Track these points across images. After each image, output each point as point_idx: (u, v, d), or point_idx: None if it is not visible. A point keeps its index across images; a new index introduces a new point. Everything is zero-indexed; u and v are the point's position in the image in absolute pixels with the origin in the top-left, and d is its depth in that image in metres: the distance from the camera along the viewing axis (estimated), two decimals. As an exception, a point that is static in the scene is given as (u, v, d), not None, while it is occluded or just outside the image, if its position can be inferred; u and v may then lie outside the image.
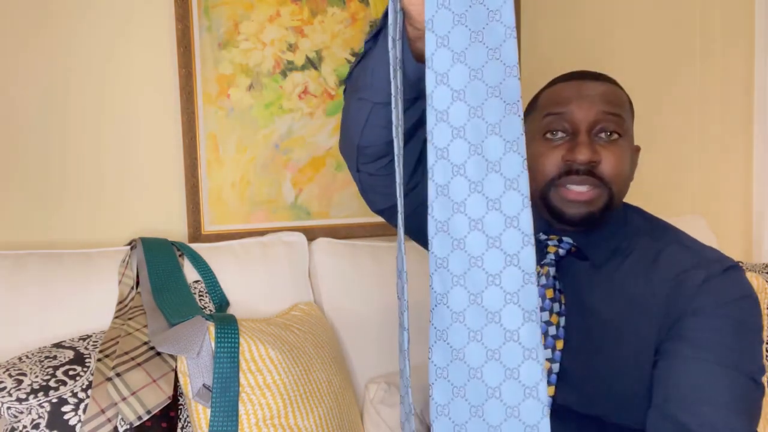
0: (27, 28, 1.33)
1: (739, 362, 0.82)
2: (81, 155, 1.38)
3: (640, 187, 1.88)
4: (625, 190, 0.94)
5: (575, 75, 0.95)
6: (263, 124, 1.48)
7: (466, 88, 0.45)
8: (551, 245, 0.93)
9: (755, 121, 1.83)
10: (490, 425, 0.44)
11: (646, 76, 1.88)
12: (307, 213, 1.53)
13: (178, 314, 1.14)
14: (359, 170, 0.89)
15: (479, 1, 0.44)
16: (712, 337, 0.83)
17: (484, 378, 0.44)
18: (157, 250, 1.29)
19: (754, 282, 1.37)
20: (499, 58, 0.45)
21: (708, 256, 0.91)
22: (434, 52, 0.45)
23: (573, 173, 0.88)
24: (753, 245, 1.88)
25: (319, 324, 1.29)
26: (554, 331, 0.89)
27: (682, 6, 1.91)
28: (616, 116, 0.90)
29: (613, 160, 0.89)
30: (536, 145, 0.92)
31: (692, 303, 0.85)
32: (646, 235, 0.95)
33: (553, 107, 0.91)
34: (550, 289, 0.91)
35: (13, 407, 0.99)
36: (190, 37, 1.41)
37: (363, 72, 0.79)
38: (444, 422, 0.45)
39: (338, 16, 1.52)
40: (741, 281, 0.88)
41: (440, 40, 0.44)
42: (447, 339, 0.46)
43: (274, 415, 1.07)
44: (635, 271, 0.91)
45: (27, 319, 1.17)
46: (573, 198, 0.88)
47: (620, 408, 0.87)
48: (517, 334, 0.44)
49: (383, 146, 0.83)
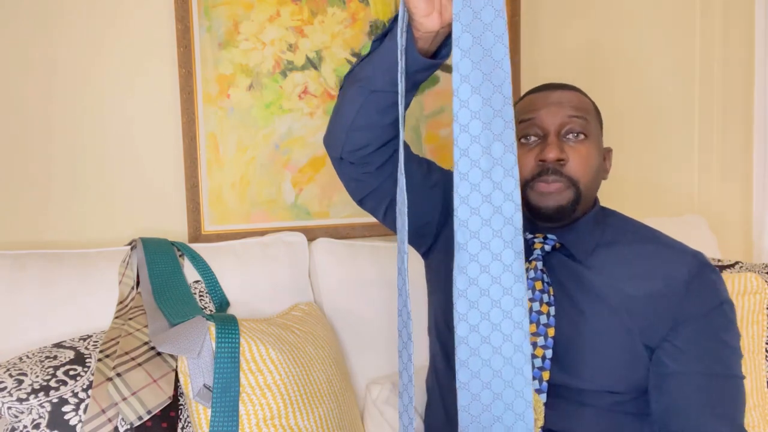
0: (28, 28, 1.33)
1: (725, 367, 0.95)
2: (81, 155, 1.38)
3: (641, 188, 1.89)
4: (594, 186, 1.03)
5: (544, 86, 1.07)
6: (263, 124, 1.48)
7: (480, 110, 0.69)
8: (537, 242, 1.03)
9: (755, 121, 1.83)
10: (495, 370, 0.69)
11: (645, 76, 1.88)
12: (307, 213, 1.53)
13: (179, 314, 1.14)
14: (342, 158, 1.00)
15: (489, 54, 0.68)
16: (700, 347, 0.96)
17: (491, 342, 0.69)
18: (157, 250, 1.29)
19: (754, 282, 1.37)
20: (501, 92, 0.69)
21: (685, 251, 1.02)
22: (459, 86, 0.69)
23: (545, 173, 0.99)
24: (753, 245, 1.88)
25: (319, 324, 1.29)
26: (545, 319, 0.99)
27: (682, 6, 1.91)
28: (582, 119, 1.01)
29: (579, 159, 0.99)
30: None
31: (682, 309, 0.97)
32: (626, 233, 1.06)
33: (525, 114, 1.03)
34: (539, 281, 1.00)
35: (14, 407, 0.99)
36: (190, 37, 1.41)
37: (367, 65, 0.90)
38: (465, 372, 0.69)
39: (338, 16, 1.52)
40: (718, 285, 1.00)
41: (464, 78, 0.68)
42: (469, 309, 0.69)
43: (275, 415, 1.07)
44: (618, 266, 1.01)
45: (27, 319, 1.17)
46: (544, 190, 0.99)
47: (605, 391, 0.97)
48: (511, 268, 0.69)
49: (370, 132, 0.94)
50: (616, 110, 1.84)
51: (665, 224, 1.48)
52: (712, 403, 0.93)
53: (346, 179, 1.05)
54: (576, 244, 1.03)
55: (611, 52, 1.83)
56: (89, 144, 1.39)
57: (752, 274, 1.38)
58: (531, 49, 1.71)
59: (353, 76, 0.94)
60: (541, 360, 0.98)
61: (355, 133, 0.95)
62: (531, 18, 1.70)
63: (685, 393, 0.95)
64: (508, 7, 1.65)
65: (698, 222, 1.82)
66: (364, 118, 0.93)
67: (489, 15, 0.68)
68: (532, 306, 1.00)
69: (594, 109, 1.06)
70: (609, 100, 1.83)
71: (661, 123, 1.91)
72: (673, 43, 1.90)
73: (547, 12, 1.74)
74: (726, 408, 0.94)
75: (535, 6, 1.71)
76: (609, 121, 1.82)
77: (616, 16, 1.83)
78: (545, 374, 0.97)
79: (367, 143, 0.96)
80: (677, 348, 0.96)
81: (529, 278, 1.01)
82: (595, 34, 1.81)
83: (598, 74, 1.81)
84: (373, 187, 1.03)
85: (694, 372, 0.95)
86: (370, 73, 0.89)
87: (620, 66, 1.84)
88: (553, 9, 1.75)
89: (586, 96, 1.07)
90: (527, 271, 1.02)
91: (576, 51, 1.78)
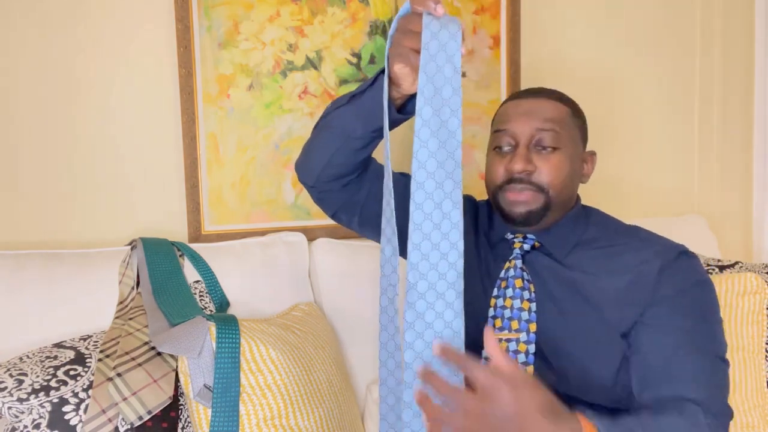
0: (28, 29, 1.33)
1: (701, 344, 0.95)
2: (81, 155, 1.38)
3: (641, 188, 1.89)
4: (566, 192, 1.05)
5: (519, 94, 1.10)
6: (263, 124, 1.48)
7: (435, 172, 0.80)
8: (517, 242, 1.07)
9: (755, 121, 1.83)
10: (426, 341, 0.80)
11: (645, 76, 1.88)
12: (307, 213, 1.53)
13: (179, 314, 1.14)
14: (314, 186, 1.06)
15: (445, 126, 0.80)
16: (674, 323, 0.95)
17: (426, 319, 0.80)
18: (157, 250, 1.29)
19: (754, 282, 1.37)
20: (453, 158, 0.80)
21: (662, 243, 1.03)
22: (419, 150, 0.79)
23: (514, 181, 1.02)
24: (753, 245, 1.87)
25: (319, 324, 1.29)
26: (527, 315, 1.01)
27: (681, 5, 1.91)
28: (551, 131, 1.02)
29: (547, 169, 1.02)
30: (490, 157, 1.08)
31: (654, 294, 0.97)
32: (605, 231, 1.08)
33: (499, 124, 1.07)
34: (519, 279, 1.03)
35: (14, 407, 1.00)
36: (190, 37, 1.41)
37: (347, 113, 0.96)
38: (409, 352, 0.79)
39: (338, 16, 1.52)
40: (694, 267, 1.00)
41: (422, 143, 0.79)
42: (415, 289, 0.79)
43: (275, 415, 1.07)
44: (596, 263, 1.03)
45: (27, 319, 1.17)
46: (512, 199, 1.03)
47: (590, 386, 0.98)
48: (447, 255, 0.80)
49: (345, 168, 1.01)
50: (616, 110, 1.84)
51: (665, 224, 1.48)
52: (687, 370, 0.92)
53: (316, 199, 1.10)
54: (554, 244, 1.05)
55: (611, 53, 1.83)
56: (89, 144, 1.39)
57: (752, 274, 1.38)
58: (531, 49, 1.71)
59: (330, 120, 0.99)
60: (524, 355, 1.00)
61: (330, 169, 1.02)
62: (531, 18, 1.70)
63: (658, 361, 0.94)
64: (509, 7, 1.65)
65: (698, 222, 1.82)
66: (341, 157, 0.99)
67: (448, 92, 0.79)
68: (513, 303, 1.02)
69: (570, 116, 1.06)
70: (609, 100, 1.83)
71: (660, 123, 1.91)
72: (673, 41, 1.90)
73: (548, 12, 1.74)
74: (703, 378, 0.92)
75: (535, 6, 1.71)
76: (609, 120, 1.83)
77: (617, 17, 1.83)
78: (529, 369, 0.99)
79: (343, 175, 1.02)
80: (648, 325, 0.96)
81: (509, 276, 1.04)
82: (595, 34, 1.81)
83: (598, 74, 1.81)
84: (342, 201, 1.07)
85: (667, 343, 0.94)
86: (351, 122, 0.95)
87: (620, 66, 1.84)
88: (553, 9, 1.75)
89: (563, 102, 1.07)
90: (507, 270, 1.05)
91: (576, 51, 1.78)
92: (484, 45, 1.65)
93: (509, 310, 1.02)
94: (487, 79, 1.66)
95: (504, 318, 1.02)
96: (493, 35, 1.65)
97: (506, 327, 1.02)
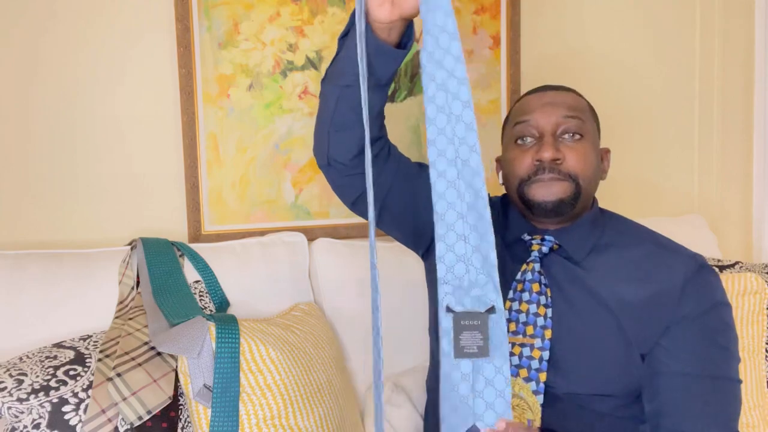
0: (29, 29, 1.33)
1: (718, 369, 0.95)
2: (81, 155, 1.38)
3: (641, 188, 1.89)
4: (593, 184, 1.04)
5: (539, 88, 1.07)
6: (263, 124, 1.48)
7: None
8: (535, 243, 1.04)
9: (755, 121, 1.83)
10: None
11: (646, 76, 1.88)
12: (307, 213, 1.53)
13: (179, 314, 1.14)
14: (330, 164, 1.00)
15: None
16: (692, 348, 0.95)
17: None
18: (157, 250, 1.29)
19: (754, 282, 1.37)
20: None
21: (682, 252, 1.02)
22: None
23: (542, 171, 0.99)
24: (753, 245, 1.88)
25: (319, 324, 1.29)
26: (542, 321, 0.99)
27: (681, 6, 1.91)
28: (577, 119, 1.01)
29: (576, 157, 1.00)
30: (510, 151, 1.05)
31: (676, 312, 0.97)
32: (624, 235, 1.06)
33: (521, 116, 1.04)
34: (536, 283, 1.01)
35: (14, 407, 1.00)
36: (190, 37, 1.41)
37: (337, 62, 0.92)
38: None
39: (338, 16, 1.52)
40: (715, 286, 1.00)
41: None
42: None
43: (275, 415, 1.07)
44: (613, 268, 1.01)
45: (27, 319, 1.17)
46: (543, 189, 0.99)
47: (603, 392, 0.97)
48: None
49: (351, 131, 0.94)
50: (616, 109, 1.84)
51: (665, 224, 1.48)
52: (701, 404, 0.93)
53: (335, 185, 1.05)
54: (573, 245, 1.03)
55: (612, 52, 1.83)
56: (89, 144, 1.39)
57: (752, 274, 1.38)
58: (531, 49, 1.71)
59: (327, 75, 0.96)
60: (538, 362, 0.97)
61: (336, 135, 0.96)
62: (531, 18, 1.70)
63: (674, 394, 0.94)
64: (509, 7, 1.65)
65: (698, 222, 1.82)
66: (341, 115, 0.94)
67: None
68: (530, 308, 1.00)
69: (590, 110, 1.07)
70: (609, 100, 1.83)
71: (661, 123, 1.91)
72: (673, 42, 1.90)
73: (548, 12, 1.74)
74: (715, 410, 0.93)
75: (535, 6, 1.71)
76: (609, 120, 1.83)
77: (617, 16, 1.83)
78: (542, 375, 0.97)
79: (350, 144, 0.96)
80: (668, 349, 0.96)
81: (526, 280, 1.02)
82: (595, 34, 1.81)
83: (599, 74, 1.81)
84: (362, 190, 1.02)
85: (684, 373, 0.95)
86: (340, 68, 0.91)
87: (621, 66, 1.84)
88: (553, 9, 1.75)
89: (582, 97, 1.07)
90: (524, 272, 1.02)
91: (576, 51, 1.78)
92: (484, 45, 1.65)
93: (525, 314, 1.00)
94: (487, 79, 1.66)
95: (519, 322, 1.00)
96: (493, 35, 1.65)
97: (521, 332, 0.99)
